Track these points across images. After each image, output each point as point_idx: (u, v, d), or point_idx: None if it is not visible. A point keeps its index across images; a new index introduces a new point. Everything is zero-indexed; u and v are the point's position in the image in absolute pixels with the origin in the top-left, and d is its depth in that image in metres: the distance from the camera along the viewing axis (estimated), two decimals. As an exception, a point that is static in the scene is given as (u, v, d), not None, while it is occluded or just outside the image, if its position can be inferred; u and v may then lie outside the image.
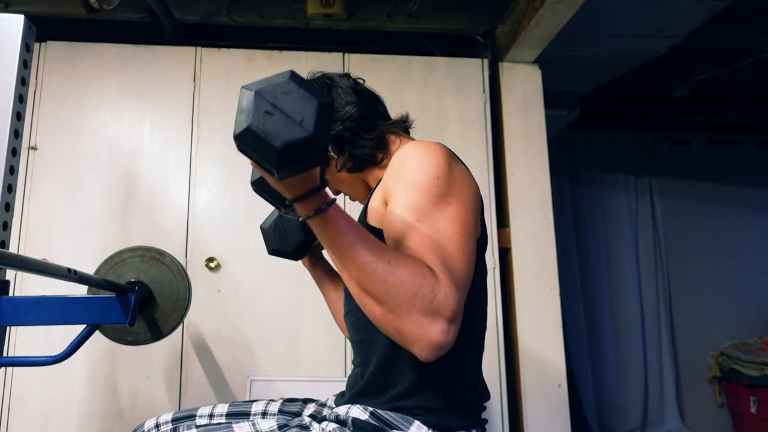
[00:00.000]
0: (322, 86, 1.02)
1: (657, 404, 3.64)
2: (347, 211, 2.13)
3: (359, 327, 0.96)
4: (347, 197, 1.17)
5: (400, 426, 0.84)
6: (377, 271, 0.69)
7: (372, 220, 0.90)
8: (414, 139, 1.07)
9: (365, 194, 1.10)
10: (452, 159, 0.88)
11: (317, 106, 0.63)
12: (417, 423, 0.84)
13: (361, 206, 1.02)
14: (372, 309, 0.72)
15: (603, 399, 3.61)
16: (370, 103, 1.04)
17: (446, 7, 2.38)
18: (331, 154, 1.03)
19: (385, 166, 1.02)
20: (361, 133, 1.00)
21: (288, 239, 1.19)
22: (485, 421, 0.94)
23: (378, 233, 0.88)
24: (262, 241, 1.87)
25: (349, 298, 1.00)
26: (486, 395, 0.96)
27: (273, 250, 1.21)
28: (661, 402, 3.65)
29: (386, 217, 0.83)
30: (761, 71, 2.90)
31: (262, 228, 1.23)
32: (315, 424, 0.92)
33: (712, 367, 3.71)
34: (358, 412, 0.87)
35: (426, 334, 0.68)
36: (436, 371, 0.86)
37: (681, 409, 3.66)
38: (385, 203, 0.87)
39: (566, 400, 2.11)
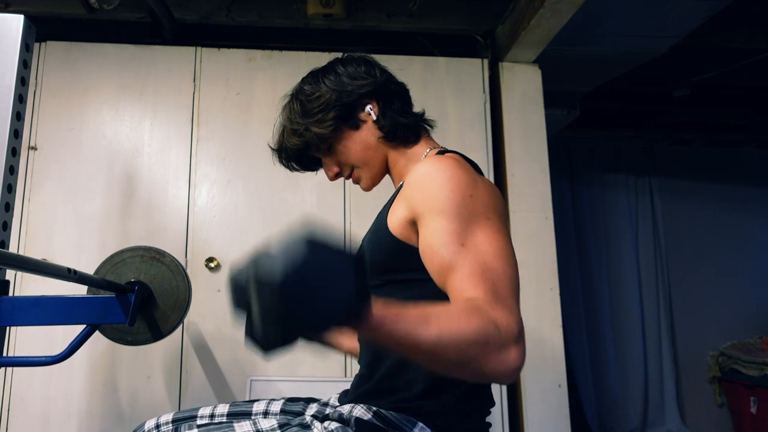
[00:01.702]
0: (377, 63, 1.06)
1: (657, 404, 3.64)
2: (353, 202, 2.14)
3: None
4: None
5: (404, 427, 0.84)
6: (448, 344, 0.65)
7: (395, 232, 0.88)
8: (436, 143, 1.06)
9: (375, 177, 1.06)
10: (475, 173, 0.88)
11: (354, 278, 0.53)
12: (420, 425, 0.84)
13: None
14: (453, 372, 0.69)
15: (603, 399, 3.62)
16: (409, 94, 1.11)
17: (446, 7, 2.38)
18: (370, 114, 1.02)
19: (409, 159, 1.03)
20: (406, 107, 1.05)
21: None
22: (489, 425, 0.94)
23: (401, 246, 0.87)
24: (262, 241, 1.88)
25: None
26: (490, 402, 0.95)
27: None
28: (661, 402, 3.65)
29: (427, 246, 0.80)
30: (761, 71, 2.90)
31: None
32: (317, 423, 0.92)
33: (712, 367, 3.71)
34: (361, 411, 0.87)
35: (506, 366, 0.68)
36: (444, 377, 0.86)
37: (681, 409, 3.66)
38: (411, 222, 0.85)
39: (566, 400, 2.11)
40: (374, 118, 1.02)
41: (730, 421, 3.66)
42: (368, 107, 1.02)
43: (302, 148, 1.05)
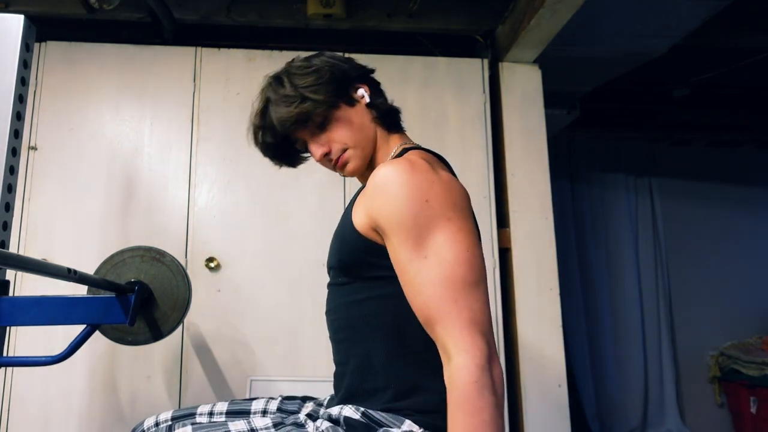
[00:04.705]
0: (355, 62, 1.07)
1: (657, 404, 3.64)
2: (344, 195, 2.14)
3: (341, 327, 0.96)
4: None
5: (391, 425, 0.85)
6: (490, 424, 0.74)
7: (361, 230, 0.89)
8: (408, 139, 1.06)
9: (365, 159, 1.02)
10: (432, 171, 0.86)
11: None
12: (408, 422, 0.85)
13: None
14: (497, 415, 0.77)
15: (603, 399, 3.61)
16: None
17: (446, 7, 2.38)
18: (364, 97, 1.02)
19: (388, 147, 1.02)
20: (386, 100, 1.07)
21: None
22: None
23: (368, 244, 0.89)
24: (263, 240, 1.88)
25: (331, 296, 1.00)
26: None
27: None
28: (661, 402, 3.65)
29: (396, 264, 0.84)
30: (761, 71, 2.90)
31: None
32: (310, 423, 0.93)
33: (712, 367, 3.71)
34: (350, 411, 0.88)
35: (501, 375, 0.79)
36: (430, 375, 0.86)
37: (681, 409, 3.66)
38: (372, 228, 0.87)
39: (566, 400, 2.11)
40: (367, 100, 1.02)
41: (730, 421, 3.66)
42: (360, 90, 1.02)
43: (295, 120, 0.96)
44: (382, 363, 0.89)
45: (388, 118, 1.04)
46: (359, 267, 0.92)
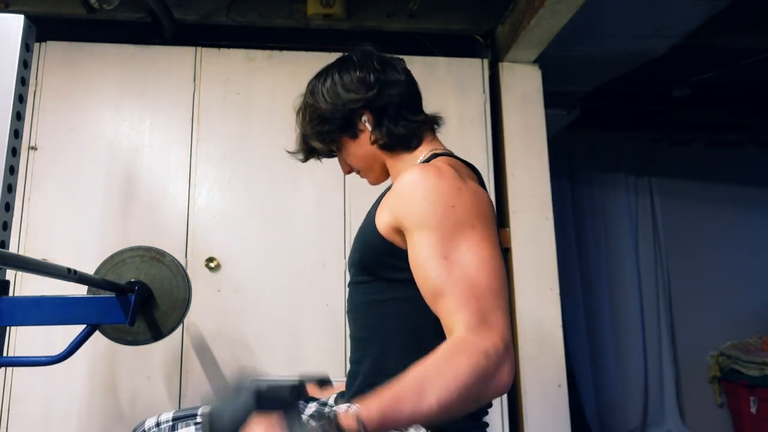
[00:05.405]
0: (379, 62, 1.07)
1: (657, 404, 3.64)
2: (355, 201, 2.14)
3: (362, 325, 0.96)
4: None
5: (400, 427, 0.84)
6: (452, 403, 0.68)
7: (383, 233, 0.90)
8: (438, 144, 1.05)
9: (379, 177, 1.10)
10: (459, 179, 0.86)
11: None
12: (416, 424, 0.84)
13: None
14: (466, 411, 0.72)
15: (603, 399, 3.61)
16: (416, 91, 1.10)
17: (446, 7, 2.38)
18: (366, 125, 1.02)
19: (407, 163, 1.02)
20: (404, 112, 1.03)
21: None
22: (486, 424, 0.94)
23: (390, 247, 0.88)
24: (263, 240, 1.84)
25: (352, 295, 1.00)
26: (487, 403, 0.95)
27: None
28: (661, 402, 3.65)
29: (414, 264, 0.83)
30: (761, 71, 2.90)
31: None
32: (313, 422, 0.92)
33: (712, 367, 3.71)
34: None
35: (503, 384, 0.72)
36: None
37: (681, 409, 3.66)
38: (395, 230, 0.87)
39: (566, 400, 2.11)
40: (370, 129, 1.02)
41: (730, 421, 3.66)
42: (364, 117, 1.02)
43: (308, 155, 1.13)
44: (397, 364, 0.87)
45: (392, 144, 1.02)
46: (379, 268, 0.92)
